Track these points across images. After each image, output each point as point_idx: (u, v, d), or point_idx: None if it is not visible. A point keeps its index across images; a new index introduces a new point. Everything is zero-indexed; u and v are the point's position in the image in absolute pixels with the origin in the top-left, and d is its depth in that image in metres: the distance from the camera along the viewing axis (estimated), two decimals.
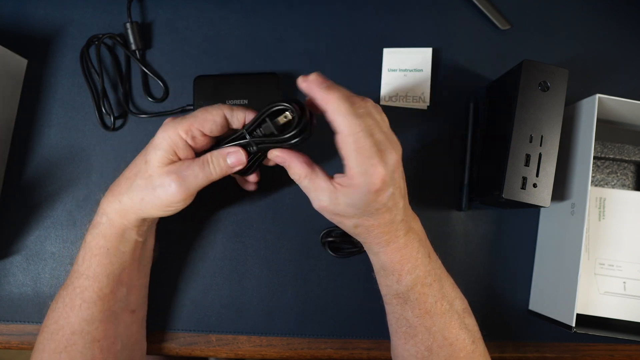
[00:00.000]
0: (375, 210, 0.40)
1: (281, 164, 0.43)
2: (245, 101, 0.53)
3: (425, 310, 0.43)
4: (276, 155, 0.43)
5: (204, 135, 0.43)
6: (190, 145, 0.42)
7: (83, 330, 0.43)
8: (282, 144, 0.42)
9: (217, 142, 0.45)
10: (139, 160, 0.44)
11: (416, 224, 0.45)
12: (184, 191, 0.41)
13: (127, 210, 0.43)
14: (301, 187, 0.43)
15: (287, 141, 0.41)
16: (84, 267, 0.44)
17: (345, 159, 0.38)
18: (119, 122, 0.56)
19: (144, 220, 0.44)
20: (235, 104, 0.47)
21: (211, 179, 0.42)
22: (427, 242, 0.46)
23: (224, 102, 0.53)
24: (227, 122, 0.43)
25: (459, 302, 0.46)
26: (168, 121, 0.43)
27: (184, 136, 0.42)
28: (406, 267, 0.43)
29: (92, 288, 0.44)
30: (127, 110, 0.56)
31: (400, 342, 0.46)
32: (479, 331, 0.46)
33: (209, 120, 0.42)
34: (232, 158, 0.43)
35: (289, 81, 0.57)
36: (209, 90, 0.54)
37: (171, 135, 0.42)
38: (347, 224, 0.42)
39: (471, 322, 0.46)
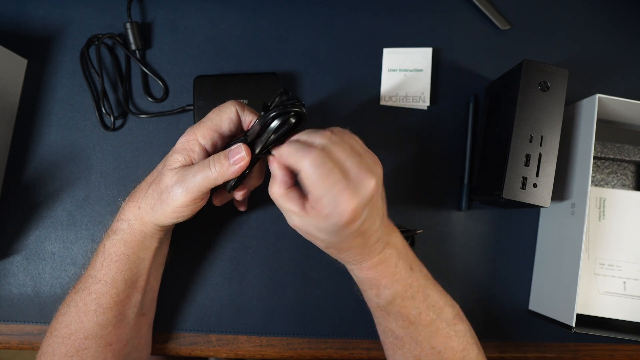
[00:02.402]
0: (347, 236, 0.38)
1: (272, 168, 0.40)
2: (245, 101, 0.53)
3: (409, 321, 0.43)
4: (270, 161, 0.40)
5: (223, 137, 0.42)
6: (206, 151, 0.41)
7: (97, 335, 0.43)
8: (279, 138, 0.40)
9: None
10: (160, 166, 0.44)
11: (395, 237, 0.43)
12: (185, 195, 0.39)
13: (144, 217, 0.42)
14: (276, 204, 0.40)
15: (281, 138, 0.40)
16: (102, 273, 0.43)
17: (310, 191, 0.36)
18: (118, 122, 0.56)
19: (161, 227, 0.43)
20: None
21: (210, 179, 0.39)
22: (409, 253, 0.44)
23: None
24: (240, 120, 0.42)
25: (449, 310, 0.44)
26: (189, 127, 0.42)
27: (202, 141, 0.41)
28: (383, 283, 0.42)
29: (110, 294, 0.43)
30: (127, 110, 0.56)
31: (389, 353, 0.46)
32: (473, 336, 0.46)
33: (224, 119, 0.41)
34: (234, 155, 0.40)
35: (289, 81, 0.57)
36: (209, 90, 0.54)
37: (189, 140, 0.41)
38: (318, 244, 0.40)
39: (462, 328, 0.45)
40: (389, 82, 0.57)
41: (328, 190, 0.35)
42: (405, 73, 0.57)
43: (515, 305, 0.55)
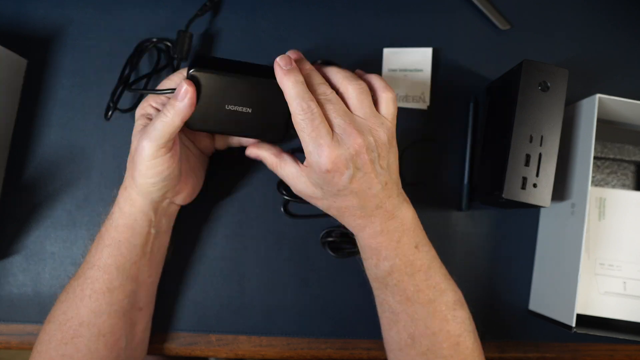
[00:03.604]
0: (338, 192, 0.41)
1: (258, 158, 0.47)
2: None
3: (406, 297, 0.43)
4: (251, 152, 0.47)
5: None
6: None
7: (90, 322, 0.44)
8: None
9: None
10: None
11: (406, 213, 0.44)
12: (150, 145, 0.40)
13: (130, 194, 0.44)
14: (282, 172, 0.45)
15: None
16: (96, 258, 0.44)
17: (302, 144, 0.40)
18: (118, 120, 0.55)
19: (146, 197, 0.44)
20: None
21: (168, 122, 0.40)
22: (417, 230, 0.44)
23: None
24: None
25: (451, 294, 0.45)
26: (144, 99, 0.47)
27: (154, 104, 0.45)
28: (383, 254, 0.43)
29: (102, 279, 0.44)
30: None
31: (385, 329, 0.47)
32: (472, 325, 0.46)
33: (172, 79, 0.45)
34: (179, 91, 0.41)
35: None
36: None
37: (144, 106, 0.45)
38: (320, 205, 0.45)
39: (462, 314, 0.45)
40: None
41: (312, 140, 0.39)
42: (405, 73, 0.57)
43: (515, 305, 0.55)
